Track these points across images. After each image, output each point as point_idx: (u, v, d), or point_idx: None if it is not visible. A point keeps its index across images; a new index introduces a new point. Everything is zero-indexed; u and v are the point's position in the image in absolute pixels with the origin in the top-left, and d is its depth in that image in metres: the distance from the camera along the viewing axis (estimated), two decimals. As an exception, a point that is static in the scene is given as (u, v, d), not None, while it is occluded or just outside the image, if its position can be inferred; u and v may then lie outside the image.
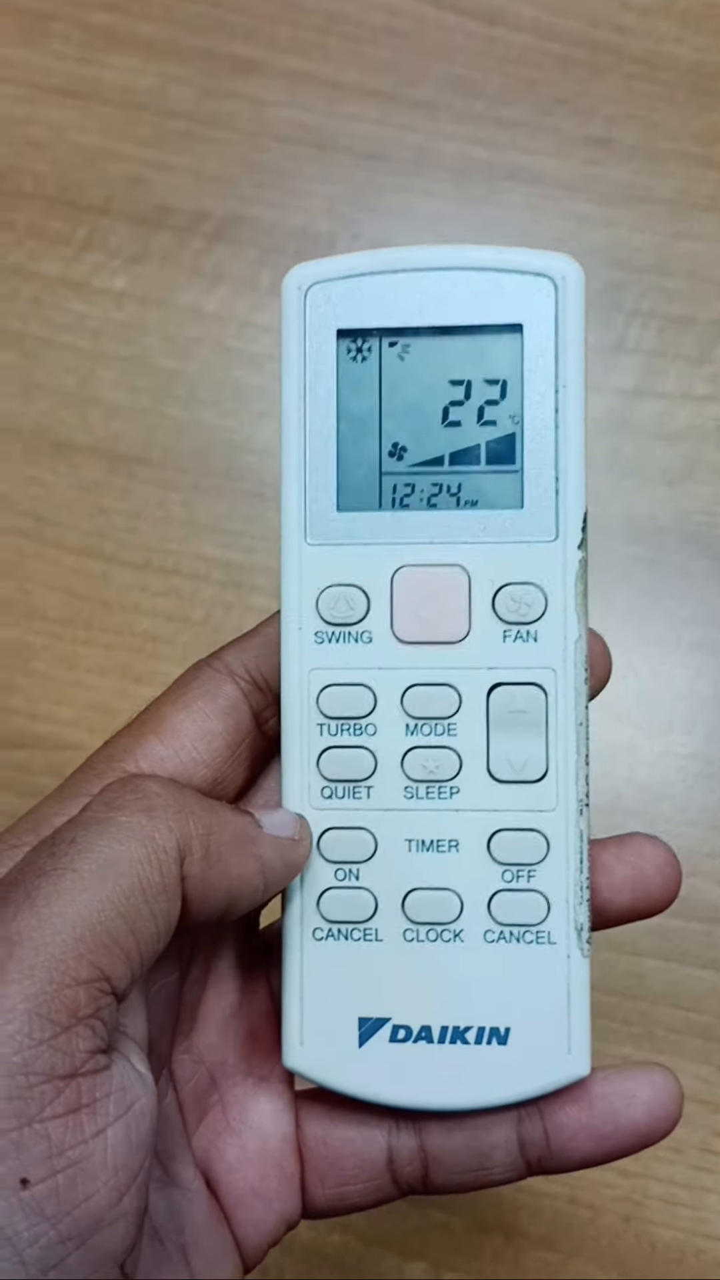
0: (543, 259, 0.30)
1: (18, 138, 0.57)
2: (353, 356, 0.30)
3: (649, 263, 0.53)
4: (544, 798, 0.29)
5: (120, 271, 0.55)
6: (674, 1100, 0.29)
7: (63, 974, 0.22)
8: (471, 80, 0.56)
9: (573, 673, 0.29)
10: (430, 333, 0.30)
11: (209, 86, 0.57)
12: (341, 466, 0.30)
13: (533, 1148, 0.29)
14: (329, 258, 0.30)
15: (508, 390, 0.30)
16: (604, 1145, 0.29)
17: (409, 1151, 0.30)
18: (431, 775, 0.29)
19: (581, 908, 0.29)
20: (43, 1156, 0.21)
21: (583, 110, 0.55)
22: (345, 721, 0.30)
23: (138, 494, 0.53)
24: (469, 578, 0.29)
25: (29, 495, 0.53)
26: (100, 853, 0.24)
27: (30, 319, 0.55)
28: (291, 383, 0.30)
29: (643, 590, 0.50)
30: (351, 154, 0.56)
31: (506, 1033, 0.29)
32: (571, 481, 0.29)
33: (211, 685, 0.30)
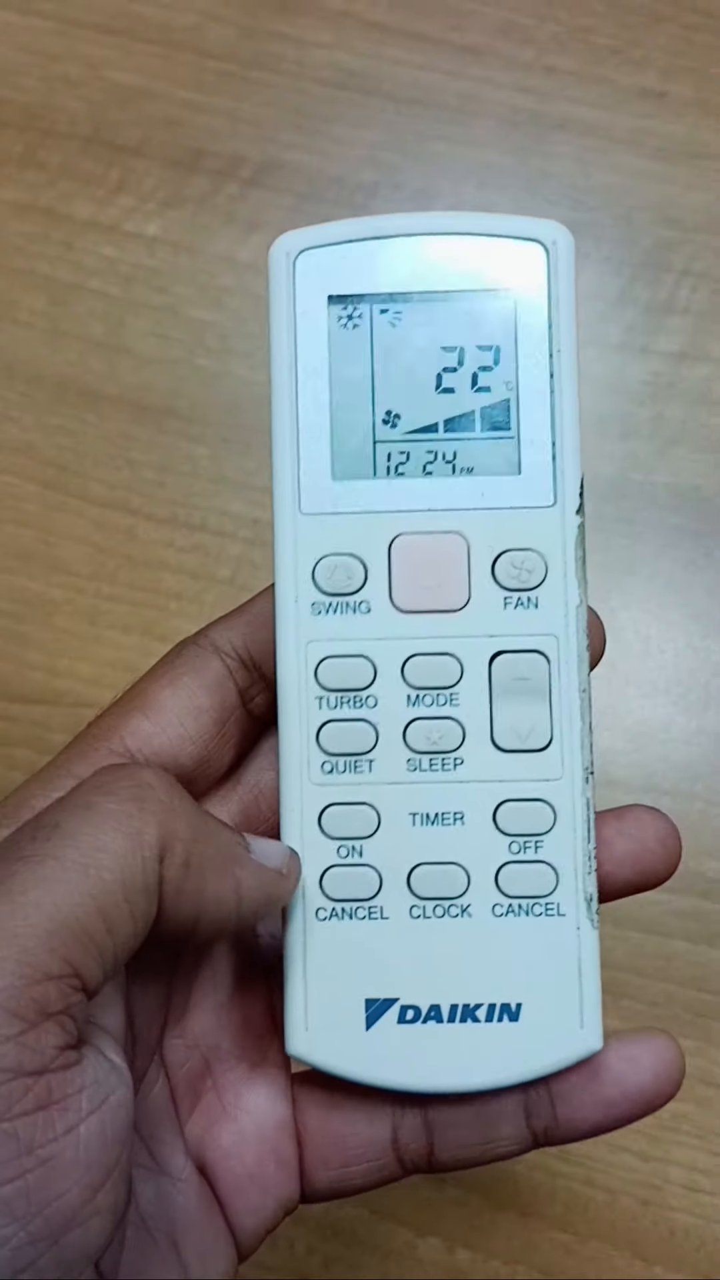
0: (533, 225, 0.30)
1: (53, 74, 0.55)
2: (344, 323, 0.30)
3: (701, 221, 0.51)
4: (549, 766, 0.29)
5: (153, 216, 0.54)
6: (677, 1064, 0.29)
7: (34, 968, 0.21)
8: (522, 26, 0.54)
9: (575, 639, 0.29)
10: (422, 299, 0.30)
11: (250, 26, 0.55)
12: (335, 435, 0.30)
13: (539, 1118, 0.29)
14: (317, 225, 0.30)
15: (501, 356, 0.29)
16: (611, 1113, 0.29)
17: (414, 1129, 0.29)
18: (434, 746, 0.29)
19: (590, 878, 0.29)
20: (11, 1156, 0.21)
21: (637, 61, 0.53)
22: (345, 694, 0.29)
23: (165, 447, 0.52)
24: (468, 545, 0.29)
25: (55, 445, 0.52)
26: (84, 842, 0.23)
27: (60, 263, 0.53)
28: (282, 351, 0.30)
29: (686, 562, 0.49)
30: (395, 100, 0.54)
31: (518, 1009, 0.29)
32: (568, 447, 0.29)
33: (198, 662, 0.30)
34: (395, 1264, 0.44)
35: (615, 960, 0.46)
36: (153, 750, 0.29)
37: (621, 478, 0.50)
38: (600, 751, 0.47)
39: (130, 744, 0.29)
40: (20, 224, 0.54)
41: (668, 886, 0.45)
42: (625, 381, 0.50)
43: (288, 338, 0.30)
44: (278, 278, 0.30)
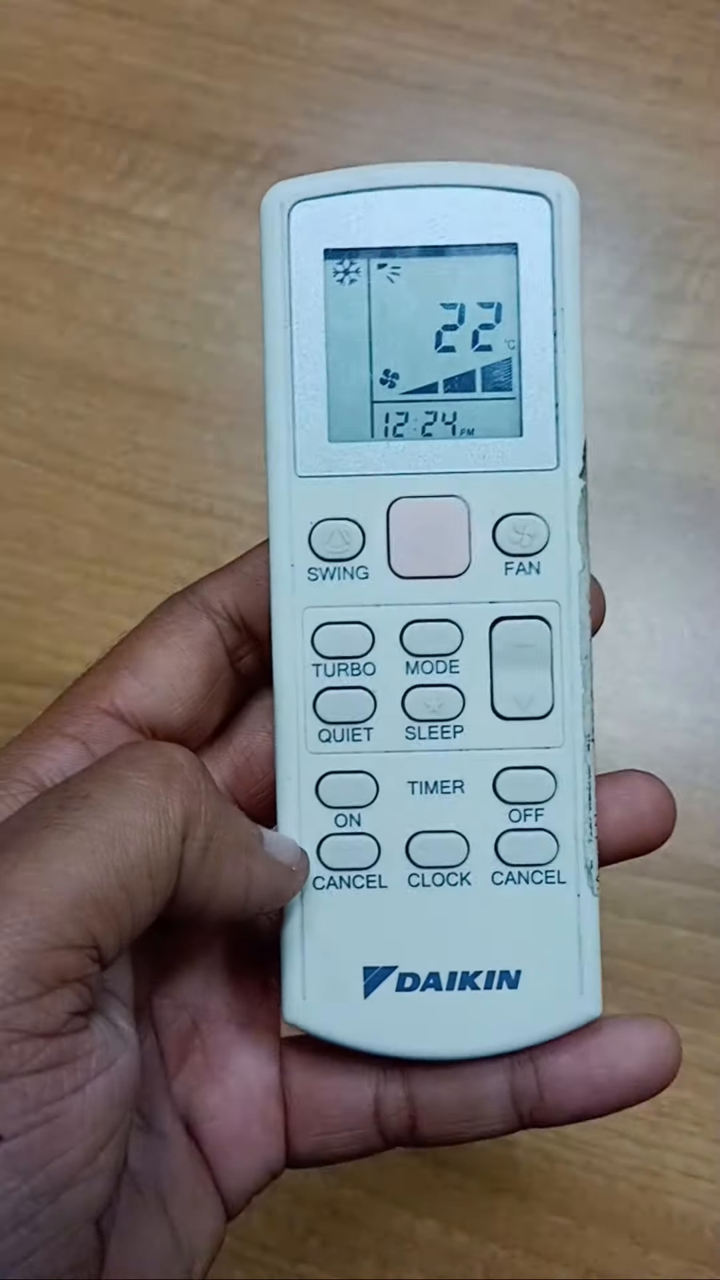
0: (537, 177, 0.29)
1: (63, 57, 0.55)
2: (340, 278, 0.29)
3: (713, 209, 0.51)
4: (550, 734, 0.29)
5: (163, 200, 0.54)
6: (672, 1052, 0.29)
7: (55, 935, 0.22)
8: (535, 12, 0.54)
9: (577, 605, 0.29)
10: (421, 253, 0.29)
11: (262, 10, 0.55)
12: (331, 395, 0.29)
13: (526, 1099, 0.29)
14: (313, 174, 0.29)
15: (503, 314, 0.29)
16: (599, 1097, 0.29)
17: (396, 1102, 0.29)
18: (434, 714, 0.29)
19: (590, 845, 0.29)
20: (18, 1112, 0.21)
21: (650, 48, 0.53)
22: (342, 661, 0.29)
23: (173, 432, 0.52)
24: (468, 509, 0.29)
25: (62, 429, 0.52)
26: (113, 815, 0.23)
27: (68, 246, 0.53)
28: (276, 307, 0.29)
29: (692, 552, 0.49)
30: (405, 85, 0.54)
31: (517, 976, 0.29)
32: (571, 408, 0.29)
33: (187, 620, 0.29)
34: (393, 1245, 0.45)
35: (617, 948, 0.46)
36: (142, 710, 0.28)
37: (628, 466, 0.50)
38: (604, 739, 0.47)
39: (119, 703, 0.28)
40: (29, 207, 0.54)
41: (669, 875, 0.46)
42: (634, 370, 0.50)
43: (282, 293, 0.29)
44: (271, 230, 0.29)
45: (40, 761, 0.27)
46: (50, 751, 0.27)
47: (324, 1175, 0.45)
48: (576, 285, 0.29)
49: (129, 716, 0.28)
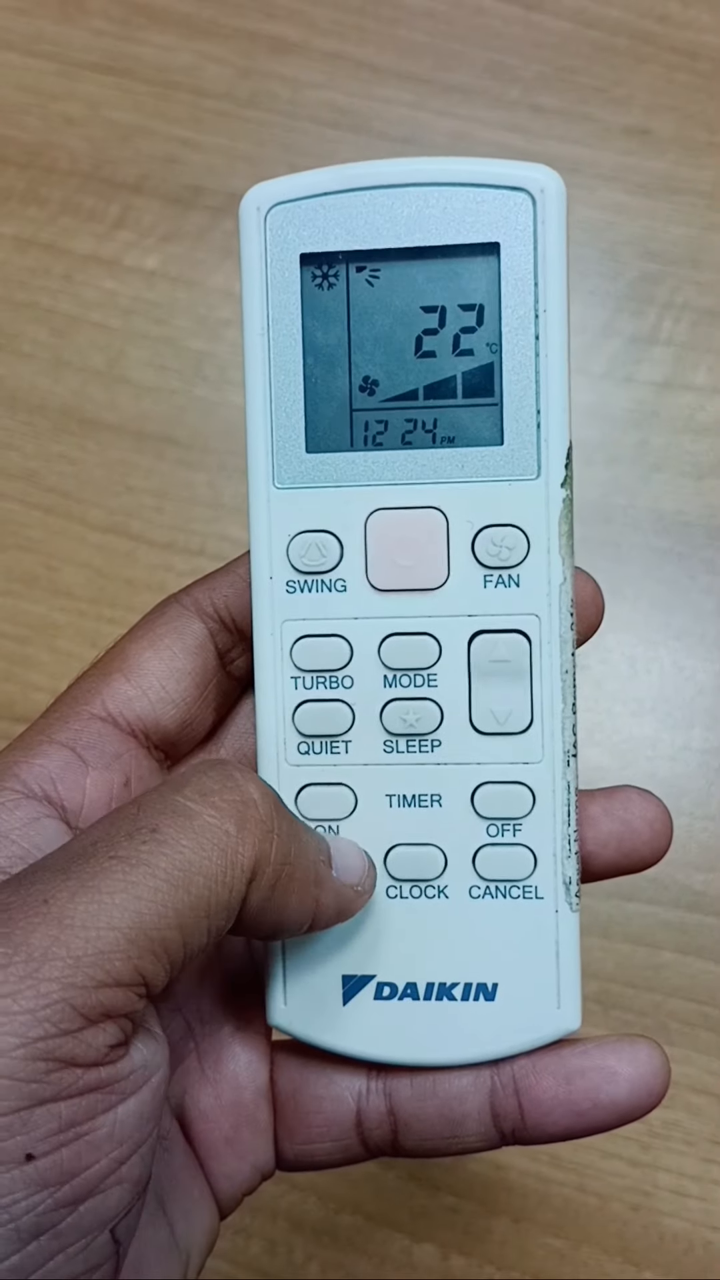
0: (519, 170, 0.27)
1: (54, 113, 0.57)
2: (318, 284, 0.28)
3: (683, 255, 0.53)
4: (529, 749, 0.28)
5: (152, 250, 0.55)
6: (658, 1075, 0.28)
7: (106, 973, 0.21)
8: (509, 66, 0.56)
9: (558, 618, 0.28)
10: (400, 255, 0.28)
11: (246, 67, 0.57)
12: (309, 404, 0.28)
13: (507, 1120, 0.29)
14: (290, 175, 0.28)
15: (485, 316, 0.28)
16: (582, 1121, 0.28)
17: (378, 1115, 0.29)
18: (411, 728, 0.28)
19: (569, 861, 0.28)
20: (51, 1133, 0.21)
21: (621, 100, 0.55)
22: (320, 674, 0.28)
23: (164, 474, 0.53)
24: (447, 520, 0.28)
25: (56, 472, 0.53)
26: (180, 855, 0.23)
27: (61, 296, 0.55)
28: (254, 314, 0.28)
29: (669, 584, 0.50)
30: (386, 138, 0.56)
31: (494, 988, 0.28)
32: (554, 414, 0.27)
33: (179, 623, 0.29)
34: (391, 1270, 0.45)
35: (605, 971, 0.47)
36: (134, 714, 0.28)
37: (606, 503, 0.51)
38: (589, 767, 0.49)
39: (111, 707, 0.28)
40: (23, 258, 0.55)
41: (656, 899, 0.47)
42: (610, 409, 0.52)
43: (259, 299, 0.28)
44: (249, 234, 0.28)
45: (30, 768, 0.27)
46: (40, 758, 0.27)
47: (322, 1201, 0.46)
48: (562, 286, 0.27)
49: (121, 720, 0.28)
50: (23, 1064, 0.21)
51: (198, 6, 0.57)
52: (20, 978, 0.21)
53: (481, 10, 0.56)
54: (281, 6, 0.57)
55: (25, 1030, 0.21)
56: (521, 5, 0.56)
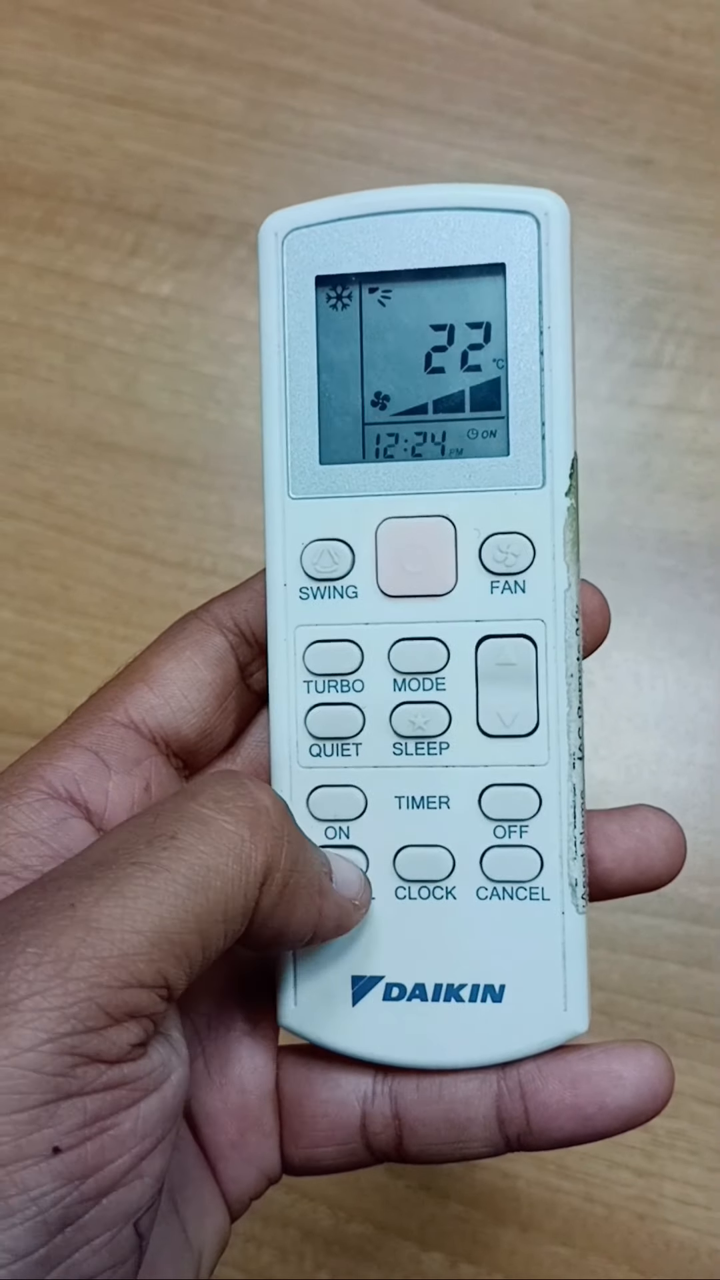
0: (524, 194, 0.29)
1: (69, 144, 0.58)
2: (332, 304, 0.29)
3: (686, 281, 0.54)
4: (535, 752, 0.29)
5: (166, 278, 0.56)
6: (663, 1080, 0.28)
7: (130, 974, 0.22)
8: (515, 98, 0.57)
9: (563, 624, 0.29)
10: (411, 276, 0.29)
11: (257, 99, 0.58)
12: (323, 418, 0.29)
13: (512, 1125, 0.29)
14: (307, 203, 0.29)
15: (491, 333, 0.29)
16: (588, 1125, 0.28)
17: (383, 1119, 0.29)
18: (420, 731, 0.29)
19: (576, 863, 0.29)
20: (76, 1126, 0.22)
21: (624, 131, 0.56)
22: (332, 678, 0.29)
23: (178, 495, 0.54)
24: (455, 528, 0.29)
25: (72, 493, 0.55)
26: (198, 860, 0.24)
27: (77, 322, 0.56)
28: (271, 333, 0.29)
29: (673, 603, 0.51)
30: (395, 168, 0.57)
31: (501, 990, 0.29)
32: (558, 426, 0.28)
33: (200, 636, 0.30)
34: (401, 1278, 0.46)
35: (611, 983, 0.48)
36: (155, 721, 0.29)
37: (612, 523, 0.52)
38: (595, 782, 0.49)
39: (134, 715, 0.29)
40: (39, 285, 0.57)
41: (660, 912, 0.48)
42: (614, 432, 0.53)
43: (276, 320, 0.29)
44: (267, 258, 0.29)
45: (54, 770, 0.28)
46: (64, 761, 0.28)
47: (332, 1210, 0.47)
48: (566, 303, 0.28)
49: (143, 727, 0.29)
50: (50, 1058, 0.21)
51: (211, 40, 0.58)
52: (49, 977, 0.21)
53: (488, 44, 0.57)
54: (292, 40, 0.58)
55: (54, 1026, 0.21)
56: (527, 39, 0.57)
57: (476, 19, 0.57)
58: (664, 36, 0.57)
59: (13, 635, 0.53)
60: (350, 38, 0.58)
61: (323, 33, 0.58)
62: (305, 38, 0.58)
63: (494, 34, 0.57)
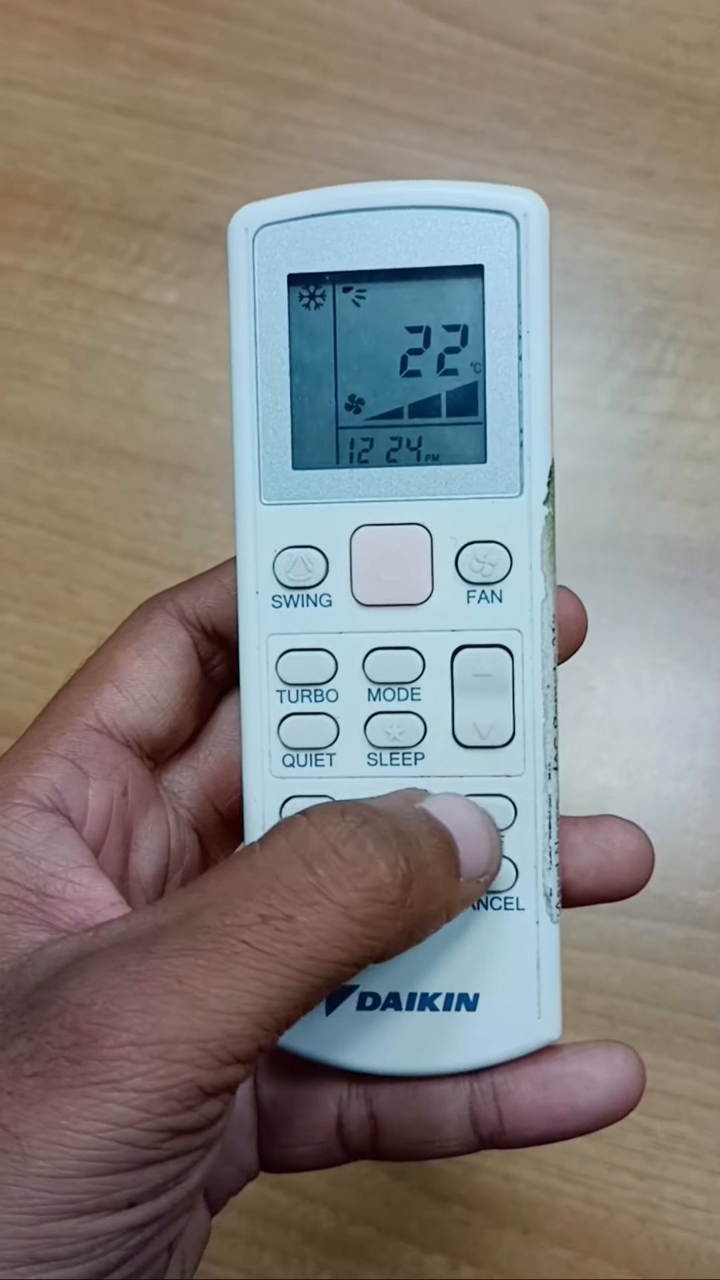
0: (503, 194, 0.28)
1: (76, 154, 0.59)
2: (305, 304, 0.28)
3: (687, 291, 0.55)
4: (511, 763, 0.28)
5: (171, 286, 0.57)
6: (634, 1082, 0.28)
7: (230, 1053, 0.22)
8: (517, 110, 0.57)
9: (539, 634, 0.28)
10: (386, 276, 0.28)
11: (262, 109, 0.58)
12: (296, 422, 0.28)
13: (485, 1125, 0.29)
14: (279, 197, 0.29)
15: (469, 336, 0.28)
16: (560, 1126, 0.28)
17: (359, 1119, 0.29)
18: (395, 742, 0.28)
19: (550, 873, 0.28)
20: (155, 1184, 0.22)
21: (626, 142, 0.57)
22: (305, 688, 0.29)
23: (182, 500, 0.55)
24: (430, 537, 0.28)
25: (77, 499, 0.55)
26: (312, 948, 0.23)
27: (82, 329, 0.57)
28: (241, 333, 0.29)
29: (674, 608, 0.52)
30: (399, 179, 0.57)
31: (475, 999, 0.29)
32: (536, 433, 0.28)
33: (165, 631, 0.30)
34: (403, 1280, 0.46)
35: (612, 987, 0.48)
36: (127, 724, 0.29)
37: (613, 529, 0.52)
38: (597, 788, 0.50)
39: (105, 718, 0.28)
40: (46, 293, 0.57)
41: (661, 916, 0.48)
42: (615, 440, 0.53)
43: (247, 319, 0.28)
44: (236, 255, 0.28)
45: (34, 781, 0.27)
46: (42, 771, 0.27)
47: (334, 1212, 0.47)
48: (544, 307, 0.28)
49: (115, 731, 0.29)
50: (146, 1134, 0.22)
51: (216, 52, 0.59)
52: (152, 1058, 0.21)
53: (491, 56, 0.58)
54: (297, 52, 0.59)
55: (153, 1107, 0.21)
56: (531, 51, 0.58)
57: (480, 31, 0.58)
58: (665, 49, 0.57)
59: (17, 639, 0.54)
60: (354, 49, 0.58)
61: (327, 44, 0.59)
62: (310, 49, 0.59)
63: (497, 46, 0.58)
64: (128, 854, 0.29)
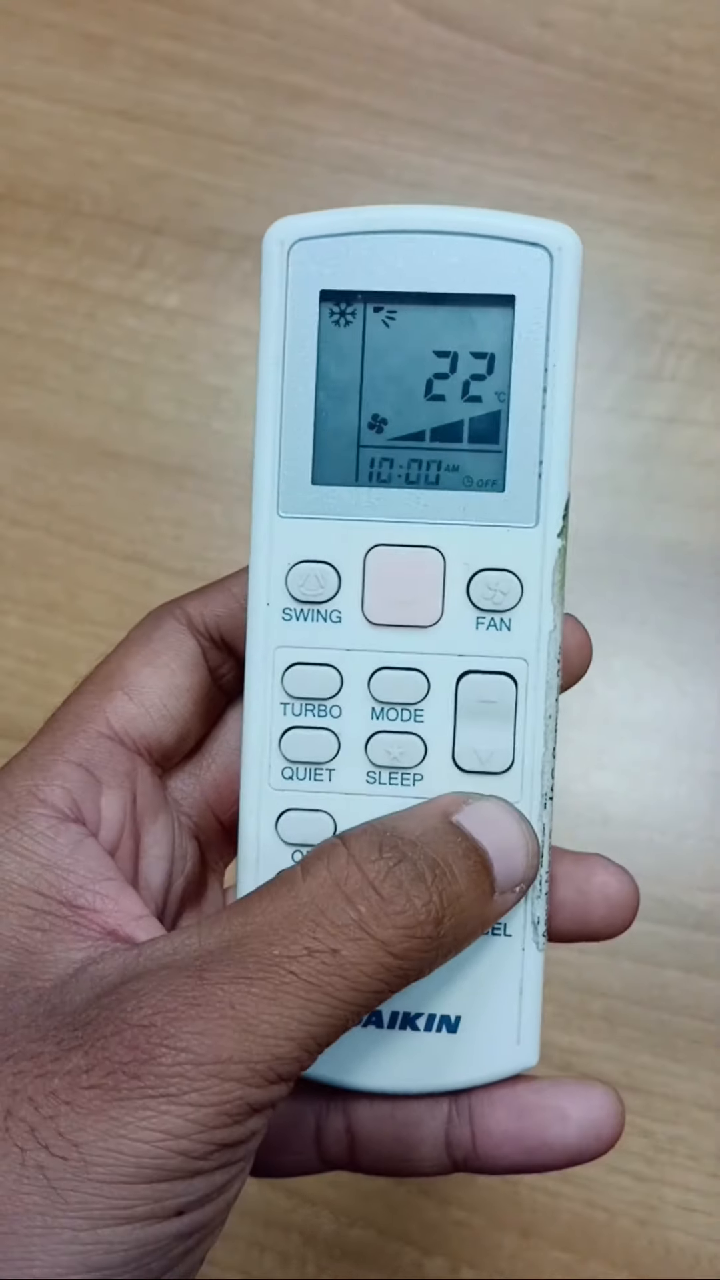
0: (539, 226, 0.28)
1: (78, 158, 0.59)
2: (335, 320, 0.28)
3: (687, 295, 0.55)
4: (508, 790, 0.28)
5: (173, 290, 0.57)
6: (609, 1122, 0.28)
7: (278, 1073, 0.23)
8: (518, 115, 0.58)
9: (545, 665, 0.28)
10: (418, 299, 0.28)
11: (264, 114, 0.59)
12: (318, 437, 0.29)
13: (459, 1149, 0.29)
14: (316, 212, 0.29)
15: (495, 365, 0.28)
16: (531, 1158, 0.29)
17: (336, 1132, 0.30)
18: (395, 761, 0.29)
19: (539, 901, 0.29)
20: (203, 1194, 0.23)
21: (626, 147, 0.57)
22: (309, 702, 0.29)
23: (183, 504, 0.55)
24: (444, 561, 0.28)
25: (78, 502, 0.55)
26: (356, 980, 0.24)
27: (84, 333, 0.57)
28: (270, 345, 0.29)
29: (675, 611, 0.52)
30: (400, 183, 0.58)
31: (457, 1021, 0.29)
32: (555, 466, 0.28)
33: (175, 640, 0.30)
34: (403, 1283, 0.46)
35: (611, 989, 0.48)
36: (138, 731, 0.29)
37: (613, 532, 0.53)
38: (595, 790, 0.50)
39: (116, 725, 0.29)
40: (48, 297, 0.57)
41: (661, 919, 0.48)
42: (616, 443, 0.54)
43: (277, 332, 0.28)
44: (270, 268, 0.28)
45: (53, 791, 0.27)
46: (59, 780, 0.27)
47: (334, 1215, 0.47)
48: (572, 341, 0.28)
49: (126, 738, 0.29)
50: (199, 1145, 0.23)
51: (218, 56, 0.59)
52: (208, 1075, 0.23)
53: (493, 61, 0.58)
54: (298, 56, 0.59)
55: (207, 1120, 0.23)
56: (531, 56, 0.58)
57: (481, 36, 0.58)
58: (665, 54, 0.57)
59: (19, 642, 0.54)
60: (355, 54, 0.59)
61: (328, 49, 0.59)
62: (311, 54, 0.59)
63: (498, 51, 0.58)
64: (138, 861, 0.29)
